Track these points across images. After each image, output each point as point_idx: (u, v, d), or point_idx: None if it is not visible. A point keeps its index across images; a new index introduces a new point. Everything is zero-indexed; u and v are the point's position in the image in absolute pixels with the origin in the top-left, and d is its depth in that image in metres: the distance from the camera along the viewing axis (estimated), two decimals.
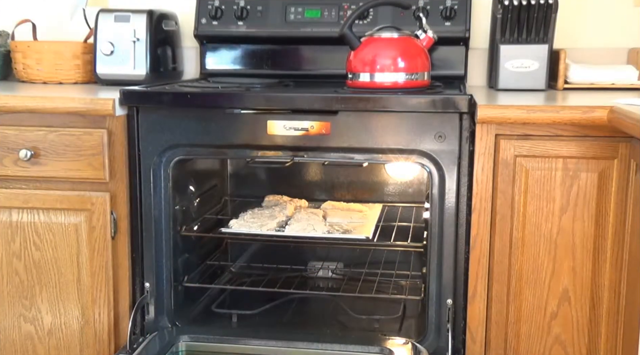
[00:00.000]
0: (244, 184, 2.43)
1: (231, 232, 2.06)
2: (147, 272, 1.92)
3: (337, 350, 1.83)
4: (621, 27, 2.29)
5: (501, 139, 1.68)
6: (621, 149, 1.63)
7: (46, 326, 1.95)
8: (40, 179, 1.89)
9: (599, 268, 1.69)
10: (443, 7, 2.20)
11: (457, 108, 1.71)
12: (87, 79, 2.32)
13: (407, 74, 1.83)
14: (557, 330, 1.74)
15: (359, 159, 1.81)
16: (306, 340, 1.84)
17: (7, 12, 2.52)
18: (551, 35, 2.04)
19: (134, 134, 1.86)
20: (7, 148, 1.87)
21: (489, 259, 1.74)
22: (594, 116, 1.60)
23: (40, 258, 1.92)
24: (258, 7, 2.29)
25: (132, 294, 1.93)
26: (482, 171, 1.71)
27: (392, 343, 1.81)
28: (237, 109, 1.80)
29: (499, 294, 1.74)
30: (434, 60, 2.05)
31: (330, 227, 2.06)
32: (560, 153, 1.67)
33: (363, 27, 2.08)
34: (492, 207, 1.72)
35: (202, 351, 1.88)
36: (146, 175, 1.87)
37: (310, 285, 2.31)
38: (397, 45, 1.86)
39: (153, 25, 2.21)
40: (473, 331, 1.77)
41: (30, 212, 1.90)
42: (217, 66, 2.39)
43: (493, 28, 2.14)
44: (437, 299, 1.81)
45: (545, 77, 2.04)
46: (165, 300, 1.93)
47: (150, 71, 2.20)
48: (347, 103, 1.76)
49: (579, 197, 1.67)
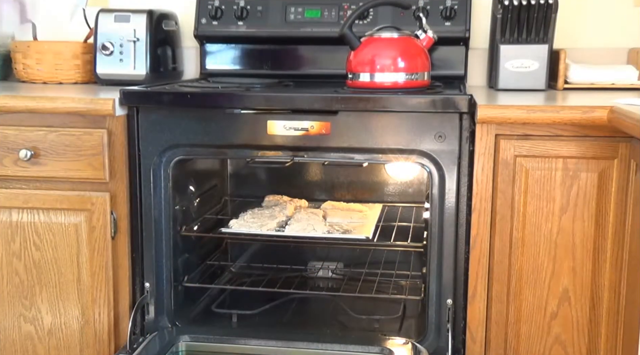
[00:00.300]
0: (244, 184, 2.43)
1: (231, 232, 2.06)
2: (147, 272, 1.92)
3: (337, 350, 1.83)
4: (621, 27, 2.29)
5: (501, 139, 1.68)
6: (621, 149, 1.63)
7: (46, 326, 1.95)
8: (40, 179, 1.89)
9: (599, 268, 1.69)
10: (443, 7, 2.20)
11: (457, 108, 1.71)
12: (87, 79, 2.32)
13: (407, 74, 1.83)
14: (557, 330, 1.74)
15: (359, 159, 1.81)
16: (306, 340, 1.84)
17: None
18: (551, 35, 2.04)
19: (134, 134, 1.86)
20: (7, 148, 1.87)
21: (489, 259, 1.74)
22: (594, 116, 1.60)
23: (40, 258, 1.92)
24: (258, 7, 2.29)
25: (132, 294, 1.93)
26: (482, 171, 1.71)
27: (392, 343, 1.81)
28: (237, 109, 1.80)
29: (499, 294, 1.74)
30: (434, 60, 2.05)
31: (330, 227, 2.06)
32: (560, 153, 1.66)
33: (363, 27, 2.08)
34: (492, 207, 1.72)
35: (202, 351, 1.88)
36: (146, 175, 1.87)
37: (310, 285, 2.31)
38: (397, 45, 1.86)
39: (153, 25, 2.21)
40: (473, 331, 1.77)
41: (30, 212, 1.90)
42: (217, 66, 2.39)
43: (493, 28, 2.14)
44: (437, 299, 1.81)
45: (545, 77, 2.04)
46: (165, 300, 1.93)
47: (150, 71, 2.20)
48: (347, 103, 1.76)
49: (579, 197, 1.67)
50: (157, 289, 1.92)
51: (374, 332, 1.98)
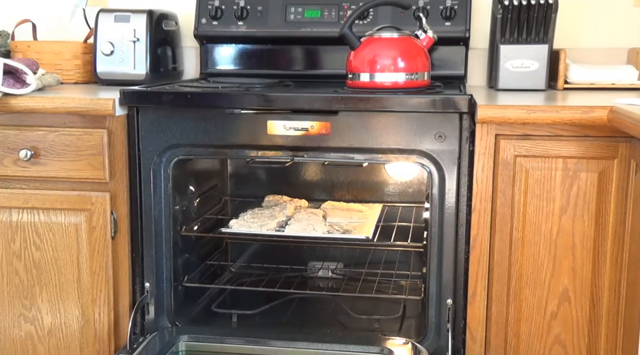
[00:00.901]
0: (243, 184, 2.43)
1: (231, 232, 2.06)
2: (147, 272, 1.92)
3: (337, 350, 1.83)
4: (621, 27, 2.29)
5: (501, 139, 1.68)
6: (621, 149, 1.63)
7: (46, 326, 1.95)
8: (40, 179, 1.89)
9: (599, 268, 1.69)
10: (443, 7, 2.20)
11: (457, 108, 1.71)
12: (87, 79, 2.32)
13: (407, 74, 1.83)
14: (557, 330, 1.74)
15: (359, 159, 1.81)
16: (306, 340, 1.84)
17: (7, 12, 2.52)
18: (551, 35, 2.04)
19: (134, 134, 1.86)
20: (7, 148, 1.87)
21: (489, 259, 1.74)
22: (594, 116, 1.60)
23: (41, 258, 1.92)
24: (258, 7, 2.29)
25: (132, 294, 1.93)
26: (482, 171, 1.71)
27: (392, 343, 1.81)
28: (237, 109, 1.80)
29: (499, 294, 1.74)
30: (434, 60, 2.05)
31: (330, 227, 2.06)
32: (560, 153, 1.66)
33: (363, 27, 2.08)
34: (492, 207, 1.72)
35: (202, 351, 1.88)
36: (146, 175, 1.87)
37: (310, 285, 2.31)
38: (397, 45, 1.86)
39: (153, 25, 2.21)
40: (473, 331, 1.77)
41: (30, 212, 1.90)
42: (217, 66, 2.39)
43: (493, 28, 2.14)
44: (437, 299, 1.81)
45: (545, 77, 2.04)
46: (165, 300, 1.93)
47: (150, 71, 2.20)
48: (347, 103, 1.76)
49: (579, 197, 1.67)
50: (157, 289, 1.92)
51: (374, 332, 1.98)
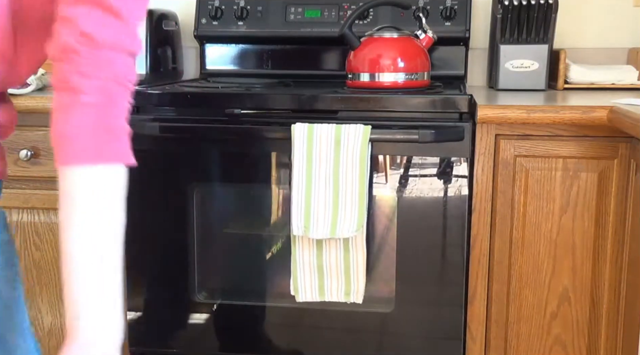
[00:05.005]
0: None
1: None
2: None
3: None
4: (621, 27, 2.28)
5: (501, 139, 1.68)
6: (621, 149, 1.63)
7: (46, 326, 1.95)
8: (40, 179, 1.89)
9: (599, 268, 1.69)
10: (443, 7, 2.20)
11: (457, 108, 1.71)
12: None
13: (407, 74, 1.83)
14: (557, 330, 1.74)
15: None
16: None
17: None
18: (551, 35, 2.04)
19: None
20: (7, 148, 1.86)
21: (489, 259, 1.74)
22: (593, 116, 1.60)
23: (41, 258, 1.92)
24: (258, 7, 2.29)
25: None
26: (482, 171, 1.71)
27: None
28: (237, 109, 1.80)
29: (499, 294, 1.74)
30: (434, 60, 2.05)
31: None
32: (560, 153, 1.67)
33: (363, 27, 2.08)
34: (492, 207, 1.72)
35: None
36: None
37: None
38: (397, 45, 1.86)
39: (153, 25, 2.21)
40: (473, 331, 1.77)
41: (30, 212, 1.90)
42: (217, 66, 2.39)
43: (493, 28, 2.14)
44: None
45: (545, 77, 2.04)
46: None
47: (150, 71, 2.20)
48: (347, 103, 1.76)
49: (579, 197, 1.68)
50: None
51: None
